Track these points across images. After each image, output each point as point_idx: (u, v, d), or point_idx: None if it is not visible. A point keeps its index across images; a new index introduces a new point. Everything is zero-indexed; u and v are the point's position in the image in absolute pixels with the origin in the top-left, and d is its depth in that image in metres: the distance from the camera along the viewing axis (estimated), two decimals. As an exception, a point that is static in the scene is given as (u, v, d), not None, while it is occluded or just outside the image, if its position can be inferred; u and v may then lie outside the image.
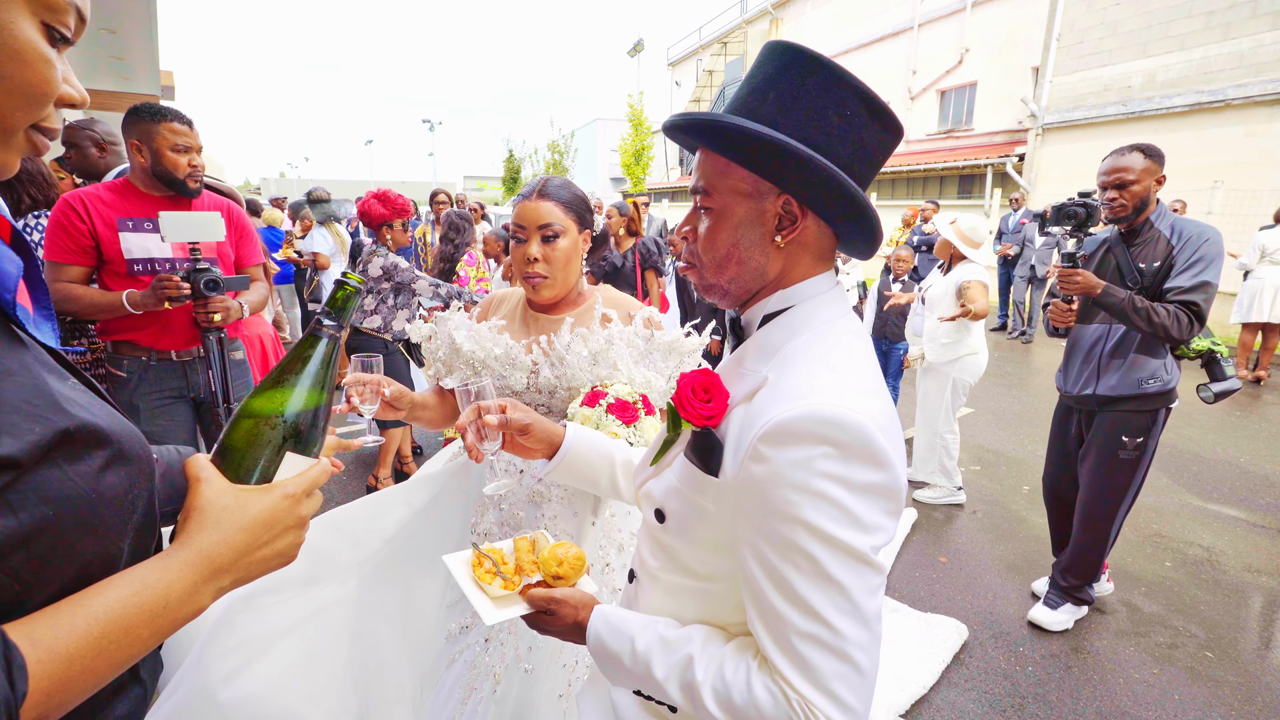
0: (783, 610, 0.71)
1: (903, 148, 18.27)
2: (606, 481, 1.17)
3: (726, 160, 0.81)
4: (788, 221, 0.80)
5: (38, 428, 0.51)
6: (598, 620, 0.91)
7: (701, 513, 0.81)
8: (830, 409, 0.69)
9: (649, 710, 0.93)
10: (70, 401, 0.56)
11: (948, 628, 2.74)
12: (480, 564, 1.03)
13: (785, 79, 0.76)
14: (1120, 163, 2.50)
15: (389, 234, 3.74)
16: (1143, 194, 2.47)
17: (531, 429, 1.13)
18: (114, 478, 0.58)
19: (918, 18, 17.13)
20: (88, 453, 0.55)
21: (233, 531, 0.62)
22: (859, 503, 0.70)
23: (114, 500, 0.58)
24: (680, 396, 0.81)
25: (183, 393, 2.42)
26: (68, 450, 0.54)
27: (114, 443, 0.58)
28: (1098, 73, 11.16)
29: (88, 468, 0.55)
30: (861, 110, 0.76)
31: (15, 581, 0.51)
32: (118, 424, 0.61)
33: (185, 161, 2.24)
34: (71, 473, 0.54)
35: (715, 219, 0.83)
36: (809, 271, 0.84)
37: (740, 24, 24.51)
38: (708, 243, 0.84)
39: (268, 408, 0.70)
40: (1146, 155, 2.47)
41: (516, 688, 1.41)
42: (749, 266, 0.83)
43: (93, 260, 2.21)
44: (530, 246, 1.45)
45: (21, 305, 0.57)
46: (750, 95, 0.79)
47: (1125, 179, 2.47)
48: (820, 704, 0.70)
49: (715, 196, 0.82)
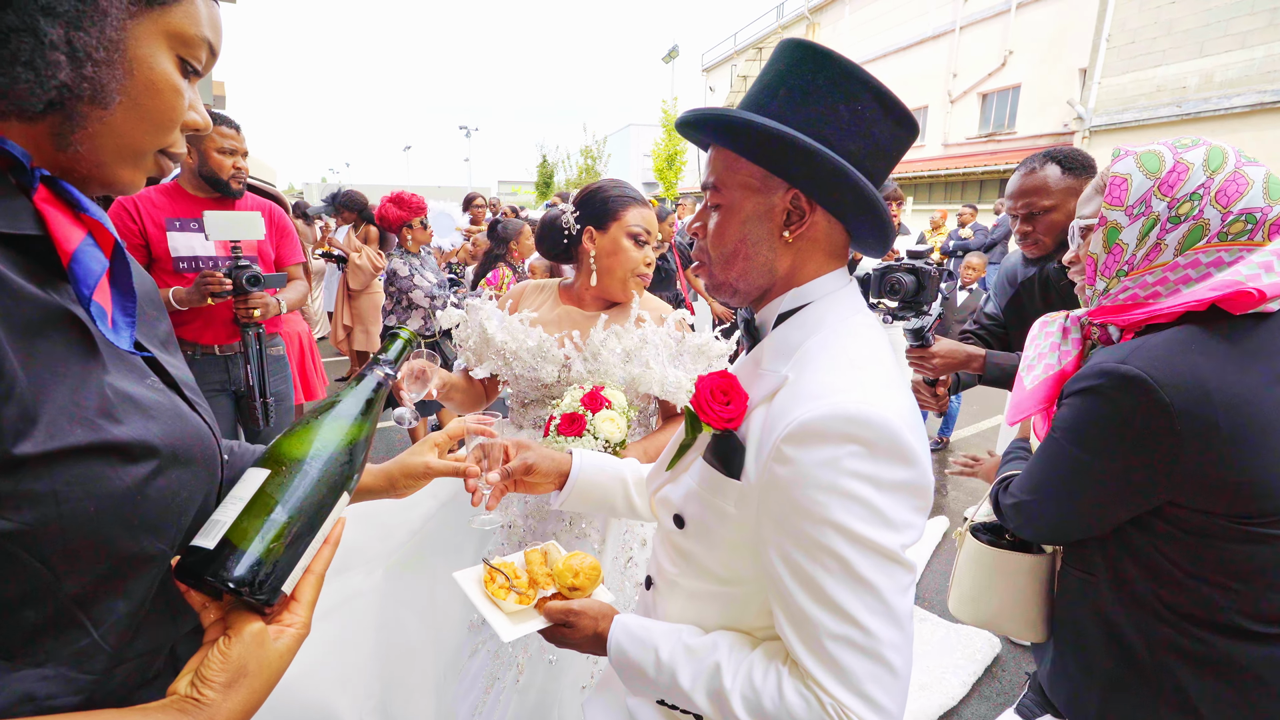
0: (813, 613, 0.70)
1: (941, 151, 17.93)
2: (622, 503, 1.13)
3: (735, 155, 0.81)
4: (796, 217, 0.80)
5: (79, 431, 0.53)
6: (619, 630, 0.89)
7: (723, 516, 0.80)
8: (855, 406, 0.68)
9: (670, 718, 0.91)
10: (132, 408, 0.58)
11: (979, 640, 2.65)
12: (492, 579, 1.00)
13: (795, 75, 0.76)
14: (1027, 183, 1.77)
15: (409, 234, 3.81)
16: (1065, 221, 1.74)
17: (536, 468, 1.09)
18: (165, 482, 0.60)
19: (959, 20, 16.81)
20: (136, 459, 0.57)
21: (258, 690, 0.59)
22: (888, 501, 0.68)
23: (160, 503, 0.59)
24: (699, 399, 0.80)
25: (225, 386, 2.52)
26: (116, 456, 0.55)
27: (167, 452, 0.60)
28: (1150, 73, 10.78)
29: (137, 472, 0.57)
30: (874, 105, 0.75)
31: (47, 569, 0.53)
32: (180, 429, 0.63)
33: (230, 164, 2.34)
34: (118, 474, 0.55)
35: (724, 214, 0.83)
36: (821, 269, 0.83)
37: (776, 29, 24.40)
38: (716, 238, 0.84)
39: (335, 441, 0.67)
40: (1066, 169, 1.74)
41: (540, 678, 1.42)
42: (756, 262, 0.82)
43: (143, 259, 2.31)
44: (649, 250, 1.54)
45: (99, 303, 0.59)
46: (761, 92, 0.79)
47: (1037, 205, 1.76)
48: (855, 707, 0.68)
49: (724, 192, 0.82)
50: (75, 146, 0.58)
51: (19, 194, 0.56)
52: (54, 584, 0.54)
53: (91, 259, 0.59)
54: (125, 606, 0.59)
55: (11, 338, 0.50)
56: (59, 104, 0.55)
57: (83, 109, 0.56)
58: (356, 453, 0.69)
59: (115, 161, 0.60)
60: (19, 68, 0.51)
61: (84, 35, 0.53)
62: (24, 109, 0.53)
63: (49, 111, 0.55)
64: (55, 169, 0.59)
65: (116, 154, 0.60)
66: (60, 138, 0.57)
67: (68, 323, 0.56)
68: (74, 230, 0.58)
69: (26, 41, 0.50)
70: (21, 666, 0.54)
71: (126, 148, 0.60)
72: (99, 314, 0.59)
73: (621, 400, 1.44)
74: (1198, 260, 0.95)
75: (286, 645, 0.61)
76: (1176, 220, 0.96)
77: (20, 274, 0.53)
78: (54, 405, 0.52)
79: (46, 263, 0.57)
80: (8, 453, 0.49)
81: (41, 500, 0.51)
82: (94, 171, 0.60)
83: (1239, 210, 0.92)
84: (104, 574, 0.57)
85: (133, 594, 0.60)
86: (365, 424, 0.72)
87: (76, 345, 0.56)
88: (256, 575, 0.58)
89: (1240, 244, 0.93)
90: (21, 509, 0.50)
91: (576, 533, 1.50)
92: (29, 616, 0.53)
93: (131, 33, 0.57)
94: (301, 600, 0.63)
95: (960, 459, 1.79)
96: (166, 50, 0.60)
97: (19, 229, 0.54)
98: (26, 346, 0.51)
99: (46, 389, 0.52)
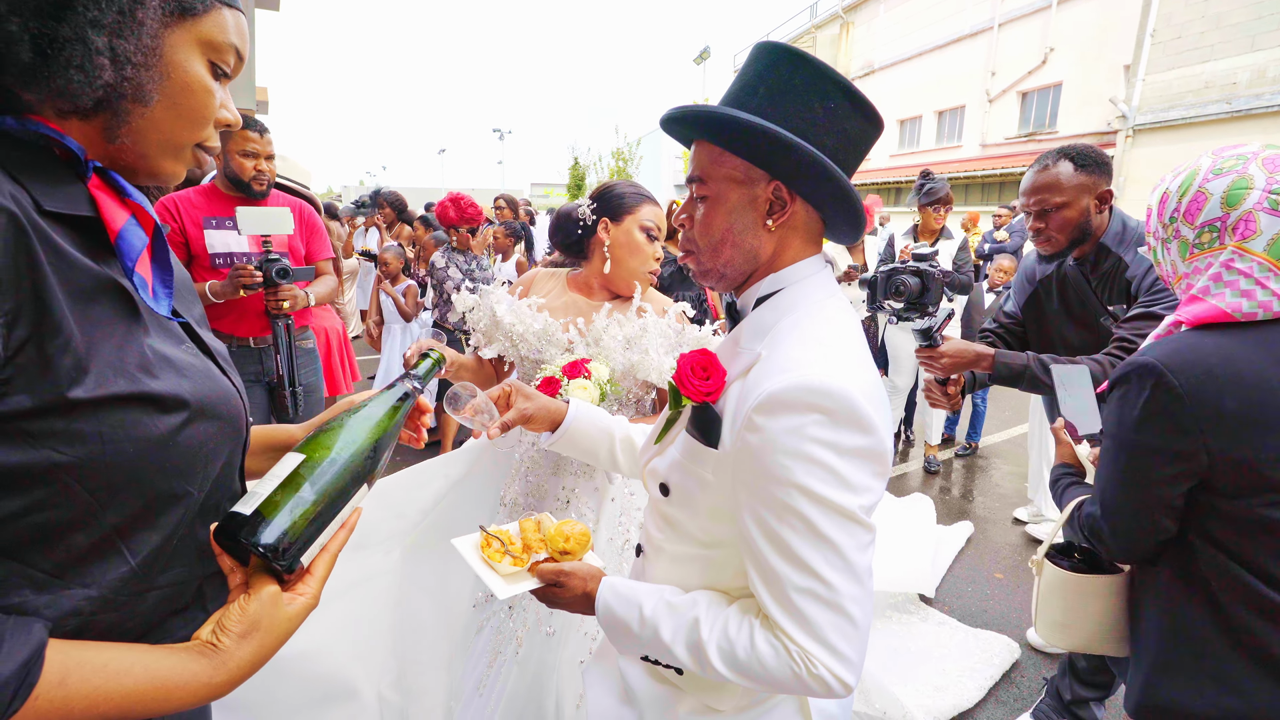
0: (780, 568, 0.76)
1: (979, 152, 17.54)
2: (606, 454, 1.24)
3: (720, 149, 0.86)
4: (778, 206, 0.85)
5: (122, 382, 0.61)
6: (606, 590, 0.95)
7: (702, 483, 0.86)
8: (818, 379, 0.74)
9: (656, 676, 0.98)
10: (168, 366, 0.67)
11: (997, 645, 2.61)
12: (489, 545, 1.07)
13: (773, 75, 0.81)
14: (1040, 180, 1.78)
15: (454, 236, 4.20)
16: (1077, 219, 1.77)
17: (533, 418, 1.22)
18: (193, 431, 0.68)
19: (998, 17, 16.46)
20: (170, 410, 0.65)
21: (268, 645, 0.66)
22: (848, 465, 0.74)
23: (189, 450, 0.68)
24: (681, 375, 0.86)
25: (259, 377, 2.64)
26: (152, 406, 0.64)
27: (195, 405, 0.68)
28: (1198, 69, 10.40)
29: (169, 421, 0.65)
30: (844, 102, 0.81)
31: (94, 500, 0.61)
32: (209, 388, 0.71)
33: (251, 166, 2.47)
34: (154, 423, 0.64)
35: (710, 205, 0.88)
36: (799, 254, 0.88)
37: (809, 29, 24.19)
38: (704, 227, 0.89)
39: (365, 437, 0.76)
40: (1079, 166, 1.75)
41: (538, 650, 1.48)
42: (742, 250, 0.87)
43: (182, 256, 2.45)
44: (657, 247, 1.61)
45: (140, 275, 0.67)
46: (741, 90, 0.84)
47: (1049, 202, 1.77)
48: (818, 654, 0.75)
49: (710, 184, 0.87)
50: (122, 140, 0.67)
51: (76, 181, 0.65)
52: (99, 513, 0.62)
53: (135, 237, 0.67)
54: (157, 539, 0.68)
55: (70, 301, 0.59)
56: (106, 102, 0.64)
57: (126, 106, 0.65)
58: (379, 451, 0.77)
59: (157, 154, 0.70)
60: (72, 70, 0.59)
61: (124, 43, 0.62)
62: (79, 106, 0.62)
63: (99, 110, 0.64)
64: (105, 160, 0.68)
65: (158, 146, 0.69)
66: (109, 132, 0.66)
67: (115, 291, 0.64)
68: (120, 212, 0.67)
69: (78, 49, 0.59)
70: (71, 585, 0.62)
71: (166, 141, 0.69)
72: (140, 284, 0.67)
73: (603, 373, 1.52)
74: (1198, 268, 1.10)
75: (297, 610, 0.68)
76: (1169, 240, 1.13)
77: (77, 248, 0.61)
78: (101, 359, 0.61)
79: (98, 240, 0.66)
80: (63, 396, 0.57)
81: (89, 439, 0.60)
82: (139, 163, 0.70)
83: (1201, 223, 1.08)
84: (140, 508, 0.65)
85: (164, 528, 0.68)
86: (389, 427, 0.80)
87: (122, 310, 0.65)
88: (281, 543, 0.65)
89: (1212, 251, 1.08)
90: (74, 445, 0.59)
91: (572, 513, 1.56)
92: (79, 541, 0.62)
93: (167, 40, 0.66)
94: (315, 574, 0.70)
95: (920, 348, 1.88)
96: (199, 55, 0.69)
97: (76, 210, 0.63)
98: (82, 309, 0.60)
99: (96, 345, 0.60)
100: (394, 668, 1.61)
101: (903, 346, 4.28)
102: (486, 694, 1.49)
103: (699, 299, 5.39)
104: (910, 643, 2.65)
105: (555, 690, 1.46)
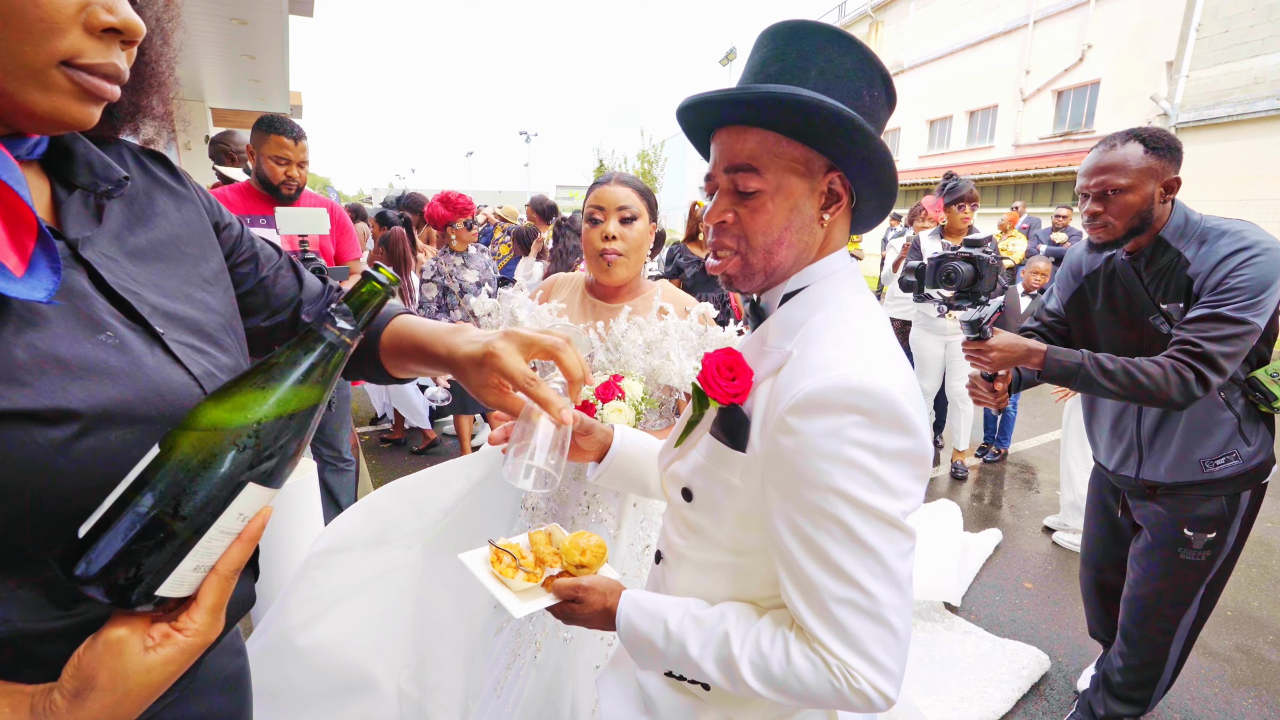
0: (817, 577, 0.72)
1: (1011, 152, 17.16)
2: (656, 483, 1.11)
3: (778, 136, 0.78)
4: (832, 199, 0.80)
5: None
6: (627, 604, 0.90)
7: (729, 488, 0.82)
8: (858, 378, 0.70)
9: (679, 690, 0.93)
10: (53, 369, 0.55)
11: (1026, 656, 2.54)
12: (499, 559, 1.00)
13: (823, 56, 0.75)
14: (1105, 159, 1.64)
15: (453, 234, 3.87)
16: (1140, 205, 1.62)
17: (592, 432, 1.08)
18: (95, 442, 0.56)
19: (1033, 14, 16.08)
20: (51, 423, 0.54)
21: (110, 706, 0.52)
22: (889, 469, 0.70)
23: (89, 463, 0.56)
24: (706, 376, 0.81)
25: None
26: (25, 420, 0.52)
27: (91, 414, 0.56)
28: (1246, 64, 10.01)
29: (54, 435, 0.54)
30: (882, 91, 0.77)
31: None
32: (122, 389, 0.58)
33: (282, 171, 2.53)
34: (28, 438, 0.53)
35: (767, 200, 0.79)
36: (831, 249, 0.84)
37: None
38: (762, 224, 0.80)
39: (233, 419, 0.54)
40: (1149, 149, 1.60)
41: (555, 655, 1.47)
42: (796, 248, 0.81)
43: (221, 254, 2.51)
44: (608, 225, 1.52)
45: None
46: (784, 73, 0.76)
47: (1112, 184, 1.62)
48: (860, 667, 0.71)
49: (768, 175, 0.78)
50: None
51: None
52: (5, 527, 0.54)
53: None
54: None
55: None
56: None
57: None
58: (268, 436, 0.54)
59: (10, 83, 0.53)
60: None
61: None
62: None
63: None
64: None
65: (5, 74, 0.53)
66: None
67: None
68: None
69: None
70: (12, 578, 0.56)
71: (11, 65, 0.52)
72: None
73: (637, 391, 1.47)
74: None
75: (163, 656, 0.53)
76: None
77: None
78: None
79: None
80: None
81: None
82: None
83: None
84: (45, 523, 0.55)
85: None
86: (290, 401, 0.56)
87: None
88: (112, 576, 0.49)
89: None
90: None
91: (594, 519, 1.54)
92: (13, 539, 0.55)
93: None
94: (201, 604, 0.55)
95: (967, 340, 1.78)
96: None
97: None
98: None
99: None
100: (413, 662, 1.63)
101: (929, 349, 4.20)
102: (504, 696, 1.50)
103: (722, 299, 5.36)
104: (935, 651, 2.60)
105: (571, 697, 1.45)
